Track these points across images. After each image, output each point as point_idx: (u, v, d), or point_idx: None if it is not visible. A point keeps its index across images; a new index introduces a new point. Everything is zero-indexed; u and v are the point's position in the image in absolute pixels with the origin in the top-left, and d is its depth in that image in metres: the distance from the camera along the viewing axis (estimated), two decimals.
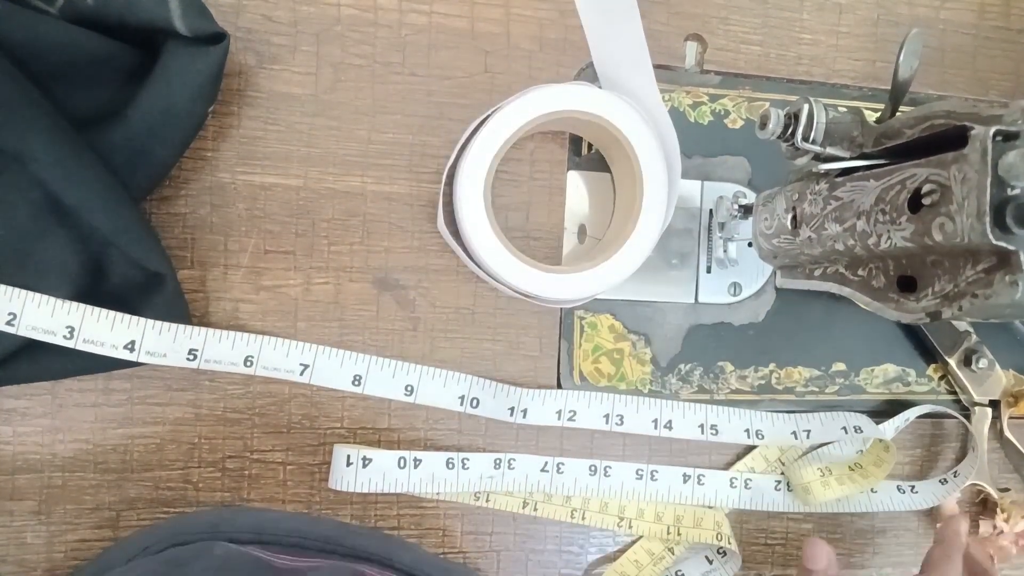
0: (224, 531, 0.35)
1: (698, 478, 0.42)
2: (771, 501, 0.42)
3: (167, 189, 0.37)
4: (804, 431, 0.41)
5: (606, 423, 0.40)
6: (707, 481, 0.42)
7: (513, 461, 0.39)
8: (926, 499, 0.43)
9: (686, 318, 0.42)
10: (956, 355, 0.44)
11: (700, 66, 0.42)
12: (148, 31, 0.33)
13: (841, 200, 0.32)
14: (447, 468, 0.38)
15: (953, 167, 0.26)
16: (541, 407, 0.39)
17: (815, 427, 0.41)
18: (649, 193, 0.38)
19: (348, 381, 0.37)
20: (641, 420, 0.40)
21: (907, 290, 0.31)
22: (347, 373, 0.37)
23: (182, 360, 0.34)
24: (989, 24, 0.46)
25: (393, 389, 0.37)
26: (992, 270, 0.26)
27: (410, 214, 0.39)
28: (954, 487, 0.43)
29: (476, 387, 0.38)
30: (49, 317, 0.32)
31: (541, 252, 0.41)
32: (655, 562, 0.42)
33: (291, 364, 0.36)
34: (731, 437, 0.41)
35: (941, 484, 0.44)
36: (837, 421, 0.41)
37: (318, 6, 0.38)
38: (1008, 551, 0.44)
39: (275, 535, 0.35)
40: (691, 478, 0.41)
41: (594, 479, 0.40)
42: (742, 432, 0.41)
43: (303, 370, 0.36)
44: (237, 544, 0.34)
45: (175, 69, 0.33)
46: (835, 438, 0.41)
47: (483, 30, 0.40)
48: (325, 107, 0.38)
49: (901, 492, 0.43)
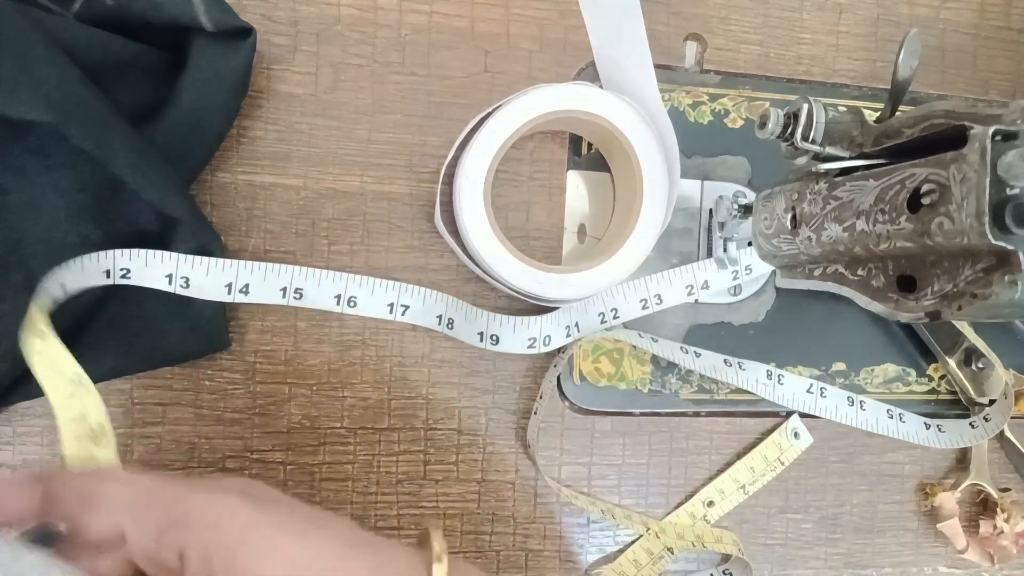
0: None
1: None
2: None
3: None
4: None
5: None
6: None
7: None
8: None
9: (686, 318, 0.42)
10: (956, 355, 0.43)
11: (700, 66, 0.42)
12: (172, 29, 0.33)
13: (840, 200, 0.32)
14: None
15: (952, 167, 0.26)
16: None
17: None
18: (649, 193, 0.38)
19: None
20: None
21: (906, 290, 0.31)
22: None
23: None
24: (989, 24, 0.46)
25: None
26: (991, 270, 0.26)
27: (410, 214, 0.39)
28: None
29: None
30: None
31: (541, 252, 0.41)
32: (654, 562, 0.42)
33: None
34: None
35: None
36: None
37: (318, 6, 0.38)
38: (1008, 551, 0.44)
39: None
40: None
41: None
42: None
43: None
44: None
45: (208, 68, 0.34)
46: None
47: (483, 30, 0.40)
48: (325, 107, 0.38)
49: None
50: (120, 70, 0.33)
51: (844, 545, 0.45)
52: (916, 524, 0.46)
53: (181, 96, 0.34)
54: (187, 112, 0.34)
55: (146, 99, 0.34)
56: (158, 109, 0.34)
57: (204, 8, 0.32)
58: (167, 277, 0.34)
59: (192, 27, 0.33)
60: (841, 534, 0.45)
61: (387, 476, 0.40)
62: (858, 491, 0.45)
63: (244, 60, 0.34)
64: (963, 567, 0.46)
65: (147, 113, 0.34)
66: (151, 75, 0.34)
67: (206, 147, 0.36)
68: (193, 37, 0.34)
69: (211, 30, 0.33)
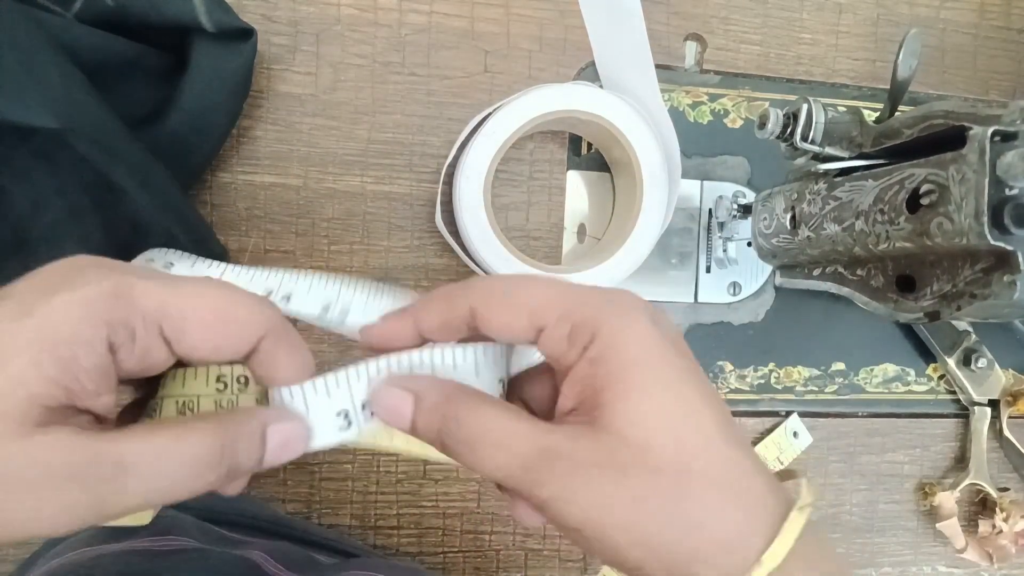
0: (173, 506, 0.35)
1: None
2: None
3: None
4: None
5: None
6: None
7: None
8: None
9: (686, 317, 0.42)
10: (955, 355, 0.44)
11: (700, 66, 0.42)
12: (173, 30, 0.33)
13: (840, 200, 0.33)
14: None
15: (952, 167, 0.26)
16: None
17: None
18: (649, 193, 0.38)
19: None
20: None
21: (906, 290, 0.31)
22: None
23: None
24: (989, 24, 0.46)
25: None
26: (990, 270, 0.26)
27: (410, 213, 0.39)
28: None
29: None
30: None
31: (541, 252, 0.41)
32: None
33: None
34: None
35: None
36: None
37: (318, 6, 0.38)
38: (1008, 551, 0.44)
39: (226, 513, 0.36)
40: None
41: None
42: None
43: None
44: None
45: (209, 68, 0.34)
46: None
47: (483, 30, 0.40)
48: (325, 107, 0.38)
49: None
50: (122, 71, 0.33)
51: (844, 544, 0.45)
52: (915, 523, 0.46)
53: (183, 97, 0.34)
54: (189, 113, 0.34)
55: (148, 100, 0.34)
56: (160, 110, 0.34)
57: (205, 9, 0.32)
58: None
59: (193, 28, 0.33)
60: (841, 533, 0.45)
61: (387, 476, 0.40)
62: (858, 490, 0.45)
63: (245, 61, 0.34)
64: (962, 566, 0.46)
65: (149, 114, 0.34)
66: (153, 76, 0.34)
67: (208, 147, 0.36)
68: (194, 38, 0.34)
69: (212, 31, 0.33)
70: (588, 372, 0.19)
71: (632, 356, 0.19)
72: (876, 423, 0.45)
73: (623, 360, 0.19)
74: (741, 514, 0.18)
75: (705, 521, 0.18)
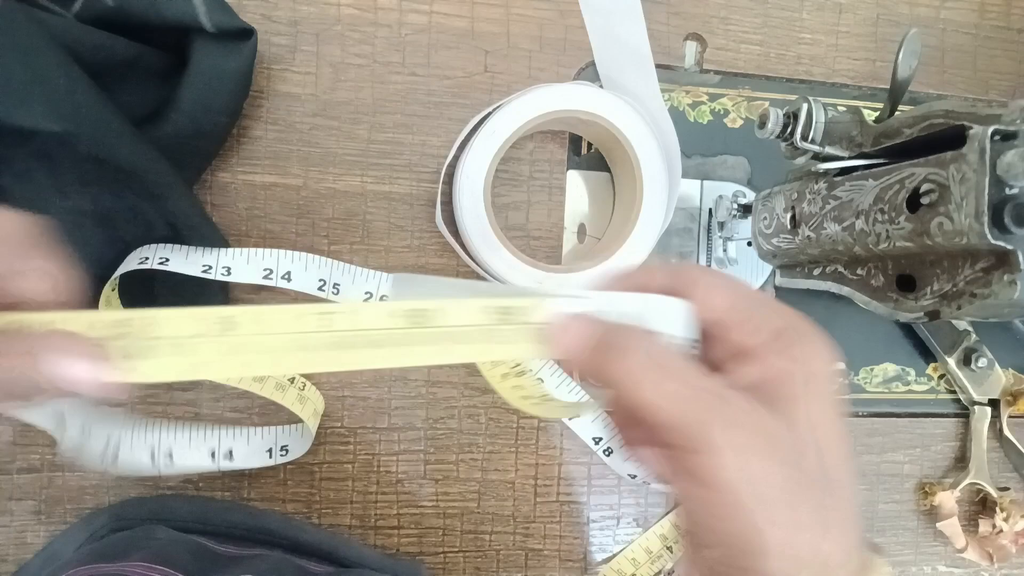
0: (167, 518, 0.35)
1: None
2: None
3: None
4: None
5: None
6: None
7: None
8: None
9: None
10: (955, 354, 0.44)
11: (700, 66, 0.42)
12: (173, 30, 0.33)
13: (840, 199, 0.33)
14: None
15: (952, 166, 0.26)
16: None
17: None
18: (649, 193, 0.38)
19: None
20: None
21: (906, 289, 0.31)
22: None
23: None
24: (989, 24, 0.46)
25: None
26: (991, 269, 0.26)
27: (410, 213, 0.39)
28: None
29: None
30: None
31: (541, 251, 0.41)
32: (652, 560, 0.42)
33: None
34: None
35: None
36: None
37: (318, 6, 0.38)
38: (1008, 550, 0.44)
39: (218, 525, 0.36)
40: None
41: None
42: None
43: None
44: (182, 532, 0.34)
45: (209, 68, 0.34)
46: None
47: (483, 30, 0.40)
48: (325, 107, 0.39)
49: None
50: (123, 71, 0.33)
51: None
52: (915, 523, 0.46)
53: (183, 97, 0.34)
54: (189, 113, 0.34)
55: (148, 100, 0.34)
56: (160, 110, 0.34)
57: (205, 9, 0.33)
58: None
59: (193, 28, 0.33)
60: None
61: (387, 476, 0.40)
62: (858, 491, 0.45)
63: (245, 61, 0.34)
64: (962, 566, 0.46)
65: (150, 114, 0.34)
66: (153, 76, 0.34)
67: (208, 147, 0.36)
68: (194, 38, 0.34)
69: (212, 31, 0.33)
70: (782, 367, 0.21)
71: (823, 372, 0.22)
72: (876, 423, 0.45)
73: (815, 370, 0.22)
74: (851, 538, 0.20)
75: (832, 530, 0.20)
